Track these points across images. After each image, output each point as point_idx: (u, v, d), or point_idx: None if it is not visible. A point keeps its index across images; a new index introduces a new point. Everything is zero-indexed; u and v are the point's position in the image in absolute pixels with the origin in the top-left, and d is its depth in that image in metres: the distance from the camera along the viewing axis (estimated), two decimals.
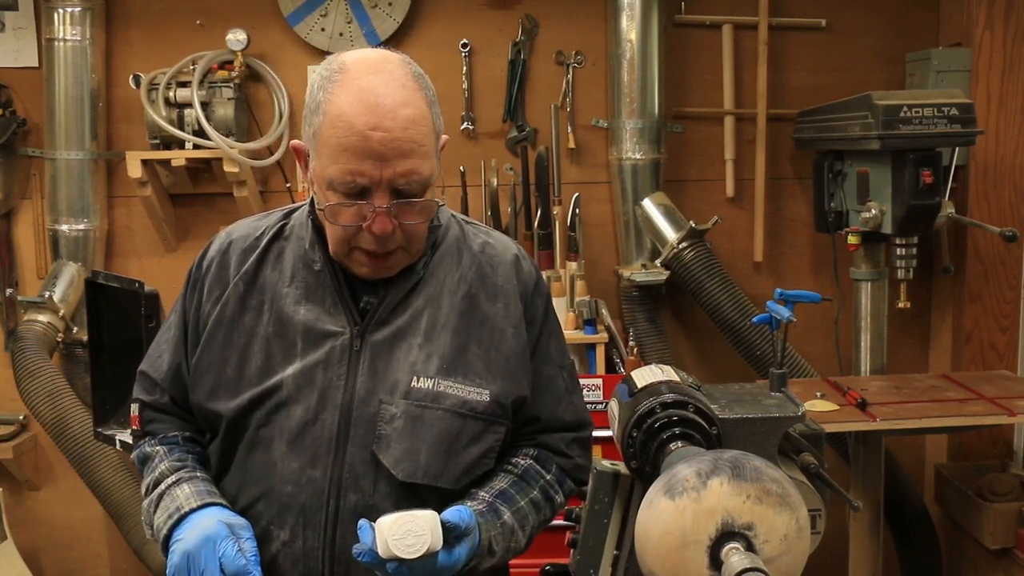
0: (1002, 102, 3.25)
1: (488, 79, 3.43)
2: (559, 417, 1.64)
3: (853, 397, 2.78)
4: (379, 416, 1.47)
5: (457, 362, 1.51)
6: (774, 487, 1.05)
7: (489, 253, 1.60)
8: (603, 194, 3.46)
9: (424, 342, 1.51)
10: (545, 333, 1.63)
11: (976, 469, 3.29)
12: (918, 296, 3.39)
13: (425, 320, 1.52)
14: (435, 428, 1.48)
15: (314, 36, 3.35)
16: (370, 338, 1.50)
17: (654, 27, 3.26)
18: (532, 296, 1.61)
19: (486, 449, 1.53)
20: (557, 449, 1.63)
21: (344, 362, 1.49)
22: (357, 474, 1.47)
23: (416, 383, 1.48)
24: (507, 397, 1.53)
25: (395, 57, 1.46)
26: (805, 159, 3.39)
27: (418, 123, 1.40)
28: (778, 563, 1.06)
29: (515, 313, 1.57)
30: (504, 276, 1.59)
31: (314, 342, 1.50)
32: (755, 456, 1.09)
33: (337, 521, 1.47)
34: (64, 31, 3.24)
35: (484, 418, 1.51)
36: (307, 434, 1.48)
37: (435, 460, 1.48)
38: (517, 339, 1.56)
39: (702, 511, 1.04)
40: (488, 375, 1.52)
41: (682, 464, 1.07)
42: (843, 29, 3.46)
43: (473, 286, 1.56)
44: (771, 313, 1.51)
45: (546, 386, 1.62)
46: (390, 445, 1.47)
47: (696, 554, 1.04)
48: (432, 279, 1.55)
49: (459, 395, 1.49)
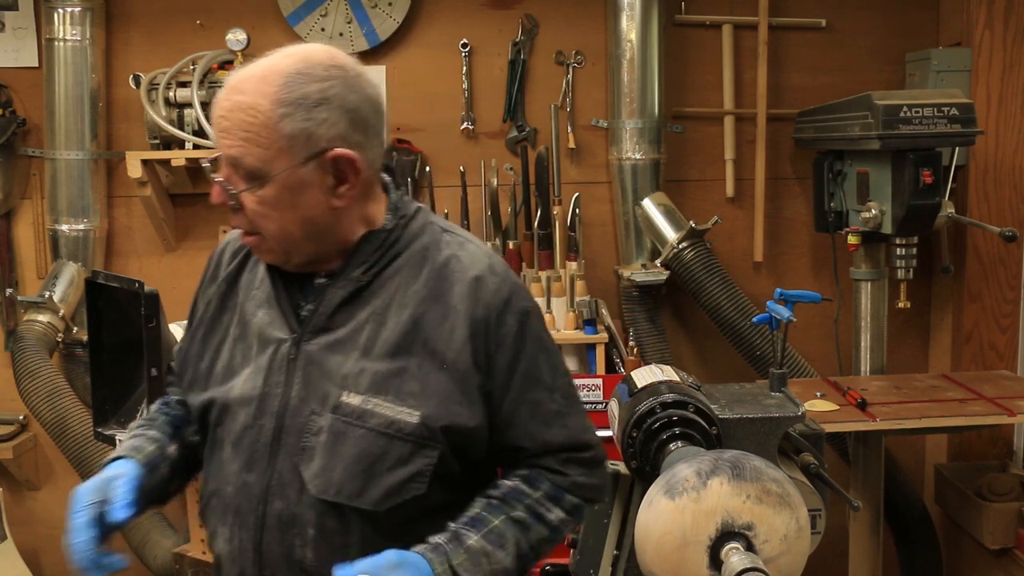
0: (1002, 102, 3.25)
1: (488, 79, 3.43)
2: (546, 441, 1.54)
3: (853, 397, 2.78)
4: (307, 427, 1.47)
5: (391, 380, 1.47)
6: (774, 487, 1.05)
7: (452, 268, 1.52)
8: (603, 194, 3.46)
9: (361, 356, 1.48)
10: (526, 354, 1.53)
11: (976, 469, 3.29)
12: (918, 296, 3.39)
13: (366, 334, 1.49)
14: (356, 447, 1.45)
15: (314, 36, 3.35)
16: (305, 347, 1.50)
17: (654, 27, 3.26)
18: (499, 317, 1.51)
19: (414, 473, 1.47)
20: (550, 468, 1.55)
21: (283, 369, 1.50)
22: (284, 482, 1.48)
23: (345, 397, 1.46)
24: (438, 421, 1.46)
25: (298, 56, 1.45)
26: (805, 159, 3.39)
27: (248, 112, 1.41)
28: (778, 563, 1.06)
29: (460, 336, 1.48)
30: (459, 295, 1.50)
31: (263, 347, 1.52)
32: (755, 456, 1.09)
33: (266, 527, 1.49)
34: (64, 31, 3.24)
35: (412, 440, 1.46)
36: (247, 438, 1.50)
37: (351, 480, 1.45)
38: (458, 364, 1.48)
39: (702, 511, 1.04)
40: (423, 397, 1.46)
41: (682, 464, 1.07)
42: (843, 29, 3.46)
43: (424, 303, 1.50)
44: (771, 313, 1.51)
45: (531, 411, 1.53)
46: (312, 458, 1.47)
47: (696, 554, 1.05)
48: (382, 291, 1.51)
49: (387, 414, 1.45)
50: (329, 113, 1.43)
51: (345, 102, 1.44)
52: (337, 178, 1.46)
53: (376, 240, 1.52)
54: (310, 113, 1.42)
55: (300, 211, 1.45)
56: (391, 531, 1.48)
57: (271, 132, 1.41)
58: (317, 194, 1.45)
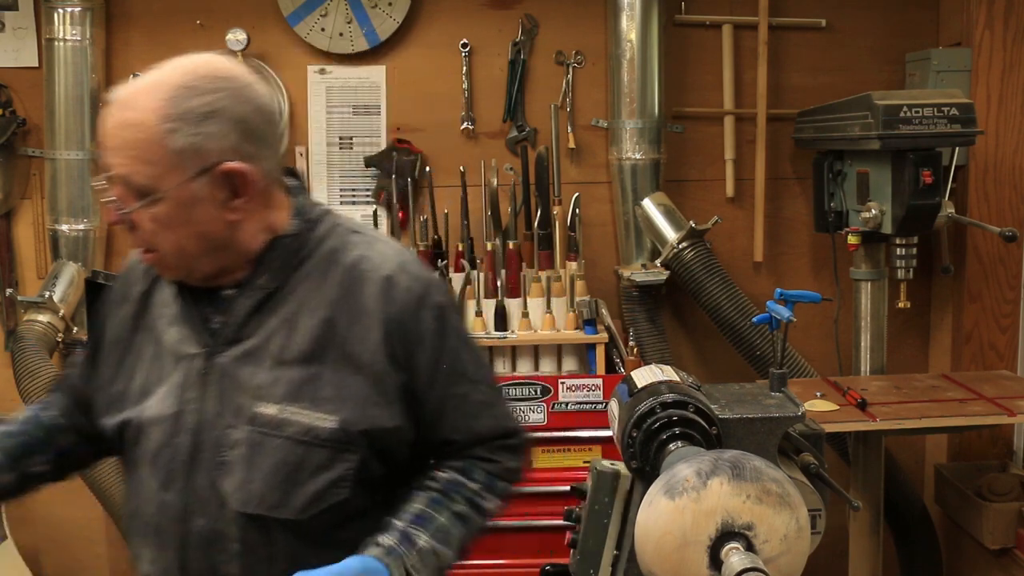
0: (1002, 102, 3.25)
1: (488, 79, 3.43)
2: (475, 431, 1.57)
3: (853, 397, 2.78)
4: (223, 441, 1.46)
5: (306, 387, 1.46)
6: (774, 487, 1.05)
7: (362, 269, 1.51)
8: (603, 194, 3.46)
9: (274, 365, 1.47)
10: (447, 349, 1.53)
11: (976, 469, 3.29)
12: (918, 296, 3.39)
13: (277, 341, 1.48)
14: (274, 457, 1.45)
15: (314, 36, 3.35)
16: (217, 360, 1.48)
17: (654, 27, 3.26)
18: (415, 314, 1.51)
19: (336, 478, 1.47)
20: (481, 457, 1.58)
21: (196, 385, 1.49)
22: (203, 499, 1.47)
23: (261, 408, 1.46)
24: (356, 425, 1.46)
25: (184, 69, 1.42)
26: (805, 159, 3.39)
27: (134, 129, 1.39)
28: (778, 563, 1.06)
29: (375, 337, 1.48)
30: (370, 296, 1.49)
31: (176, 364, 1.51)
32: (755, 456, 1.09)
33: (188, 545, 1.48)
34: (64, 31, 3.24)
35: (330, 446, 1.45)
36: (163, 456, 1.49)
37: (272, 490, 1.45)
38: (374, 366, 1.48)
39: (702, 511, 1.04)
40: (339, 401, 1.46)
41: (682, 464, 1.07)
42: (843, 29, 3.46)
43: (334, 307, 1.49)
44: (771, 313, 1.51)
45: (459, 404, 1.55)
46: (231, 472, 1.46)
47: (696, 554, 1.04)
48: (292, 297, 1.49)
49: (304, 422, 1.45)
50: (218, 126, 1.40)
51: (234, 114, 1.41)
52: (230, 191, 1.43)
53: (281, 246, 1.50)
54: (198, 127, 1.39)
55: (195, 227, 1.43)
56: (316, 538, 1.49)
57: (159, 148, 1.38)
58: (211, 209, 1.43)
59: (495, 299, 3.10)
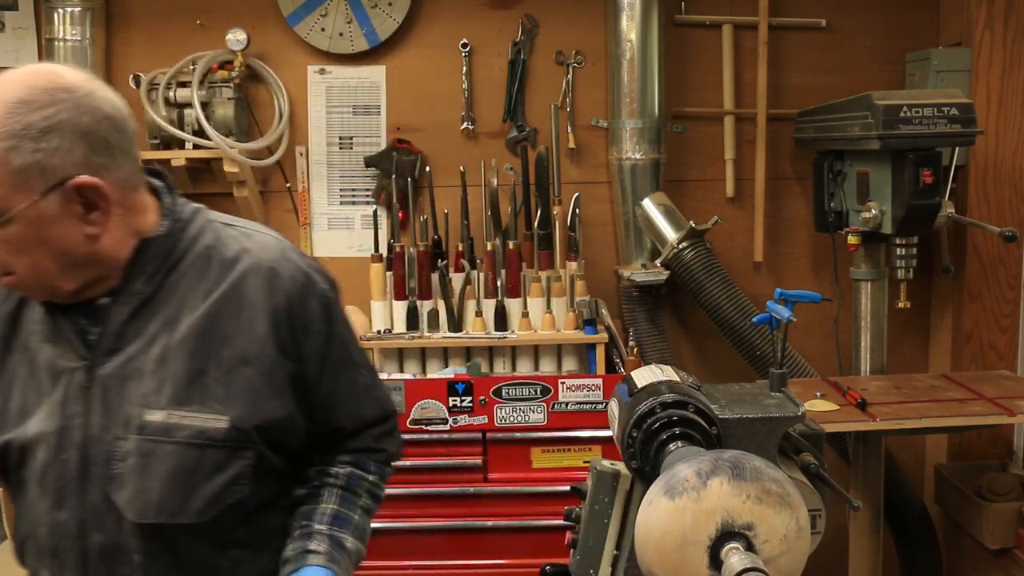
0: (1002, 102, 3.25)
1: (488, 79, 3.43)
2: (364, 416, 1.61)
3: (853, 397, 2.78)
4: (113, 454, 1.43)
5: (193, 389, 1.43)
6: (774, 487, 1.05)
7: (243, 261, 1.49)
8: (603, 194, 3.46)
9: (158, 370, 1.43)
10: (335, 336, 1.55)
11: (976, 469, 3.29)
12: (918, 296, 3.39)
13: (160, 345, 1.44)
14: (167, 464, 1.42)
15: (314, 36, 3.35)
16: (99, 372, 1.44)
17: (654, 27, 3.26)
18: (301, 303, 1.51)
19: (234, 476, 1.46)
20: (369, 448, 1.63)
21: (79, 400, 1.44)
22: (99, 514, 1.44)
23: (148, 416, 1.42)
24: (249, 422, 1.45)
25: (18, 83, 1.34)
26: (805, 159, 3.39)
27: None
28: (778, 563, 1.06)
29: (261, 328, 1.47)
30: (253, 288, 1.48)
31: (54, 381, 1.46)
32: (755, 456, 1.09)
33: (88, 561, 1.46)
34: (64, 31, 3.23)
35: (225, 446, 1.44)
36: (50, 475, 1.45)
37: (170, 497, 1.43)
38: (262, 358, 1.47)
39: (702, 511, 1.04)
40: (228, 399, 1.44)
41: (682, 464, 1.07)
42: (843, 29, 3.46)
43: (218, 302, 1.46)
44: (771, 313, 1.51)
45: (348, 390, 1.58)
46: (124, 484, 1.43)
47: (696, 554, 1.05)
48: (171, 298, 1.46)
49: (195, 424, 1.42)
50: (60, 140, 1.33)
51: (78, 126, 1.34)
52: (84, 206, 1.37)
53: (152, 248, 1.46)
54: (38, 143, 1.32)
55: (52, 245, 1.37)
56: (219, 538, 1.49)
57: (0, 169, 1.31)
58: (67, 225, 1.37)
59: (495, 299, 3.10)
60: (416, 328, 3.11)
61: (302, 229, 3.46)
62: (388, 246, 3.20)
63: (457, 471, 2.96)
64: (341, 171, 3.47)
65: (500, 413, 2.92)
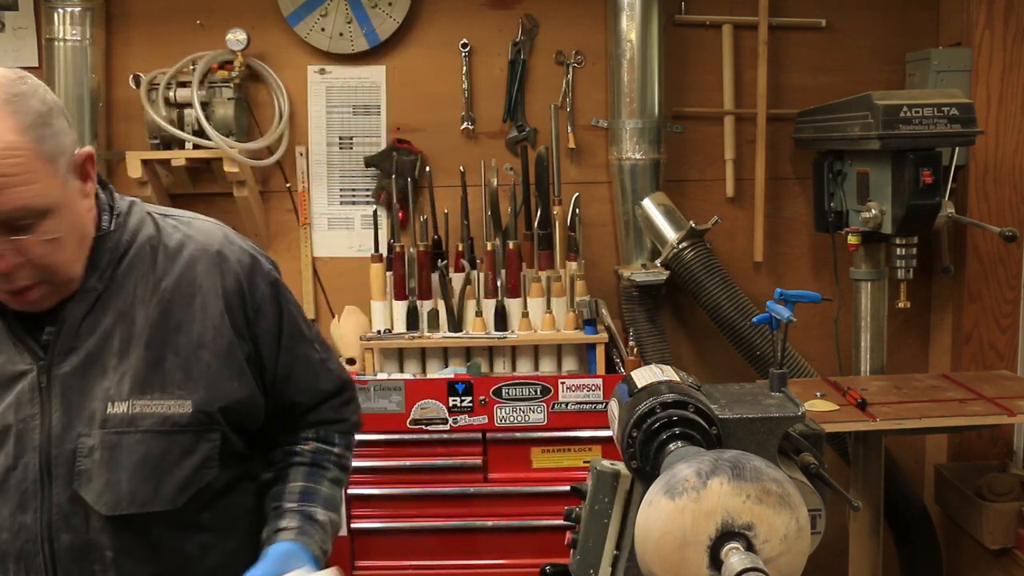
0: (1002, 102, 3.25)
1: (488, 79, 3.43)
2: (321, 389, 1.65)
3: (853, 397, 2.78)
4: (78, 451, 1.42)
5: (153, 377, 1.45)
6: (774, 487, 1.05)
7: (188, 248, 1.52)
8: (603, 194, 3.46)
9: (118, 363, 1.44)
10: (286, 314, 1.59)
11: (976, 469, 3.29)
12: (918, 296, 3.39)
13: (117, 339, 1.45)
14: (135, 453, 1.43)
15: (314, 36, 3.35)
16: (57, 371, 1.43)
17: (654, 27, 3.26)
18: (250, 284, 1.54)
19: (203, 459, 1.48)
20: (330, 419, 1.67)
21: (35, 401, 1.43)
22: (66, 514, 1.43)
23: (111, 409, 1.43)
24: (212, 405, 1.48)
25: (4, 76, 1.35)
26: (805, 159, 3.39)
27: (8, 154, 1.31)
28: (778, 563, 1.06)
29: (214, 311, 1.50)
30: (202, 274, 1.51)
31: (5, 387, 1.44)
32: (755, 456, 1.09)
33: (56, 563, 1.44)
34: (64, 31, 3.23)
35: (191, 430, 1.46)
36: (11, 480, 1.43)
37: (141, 486, 1.44)
38: (218, 340, 1.49)
39: (702, 511, 1.04)
40: (189, 384, 1.46)
41: (682, 464, 1.07)
42: (843, 29, 3.46)
43: (168, 290, 1.48)
44: (771, 313, 1.51)
45: (304, 365, 1.62)
46: (91, 479, 1.42)
47: (696, 554, 1.04)
48: (121, 291, 1.47)
49: (159, 412, 1.44)
50: (57, 119, 1.39)
51: (56, 104, 1.40)
52: (83, 178, 1.43)
53: (104, 243, 1.47)
54: (50, 127, 1.36)
55: (77, 228, 1.42)
56: (189, 523, 1.51)
57: (37, 162, 1.33)
58: (80, 202, 1.42)
59: (495, 299, 3.10)
60: (416, 328, 3.11)
61: (302, 229, 3.46)
62: (388, 246, 3.20)
63: (457, 471, 2.96)
64: (341, 171, 3.47)
65: (500, 413, 2.92)
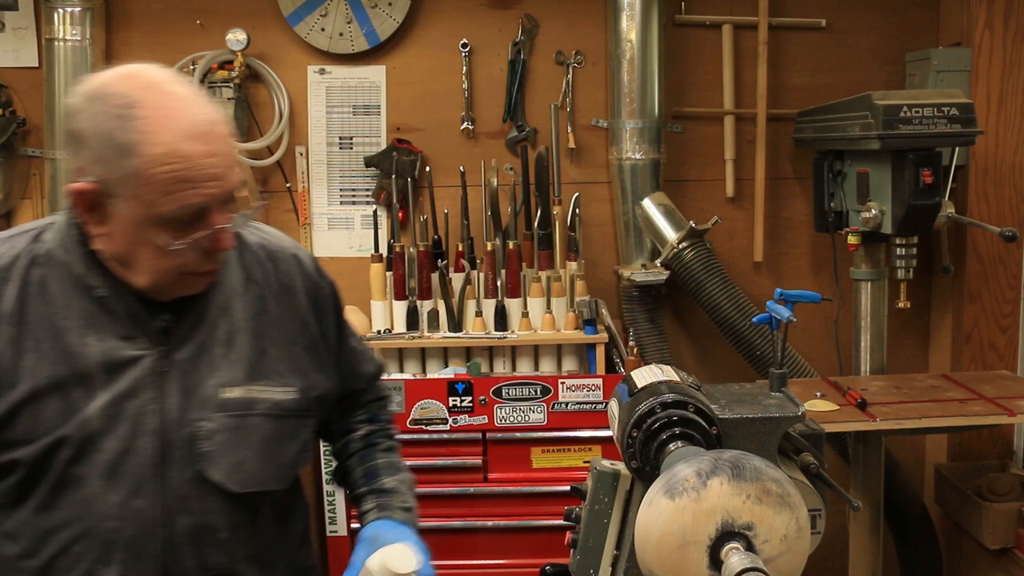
0: (1002, 102, 3.25)
1: (488, 79, 3.43)
2: (368, 373, 1.78)
3: (853, 397, 2.78)
4: (197, 434, 1.46)
5: (261, 365, 1.53)
6: (774, 487, 1.05)
7: (269, 248, 1.62)
8: (603, 194, 3.46)
9: (226, 351, 1.51)
10: (340, 311, 1.71)
11: (976, 469, 3.29)
12: (918, 296, 3.39)
13: (222, 329, 1.51)
14: (256, 434, 1.50)
15: (314, 36, 3.35)
16: (175, 357, 1.47)
17: (654, 27, 3.26)
18: (318, 284, 1.66)
19: (303, 444, 1.59)
20: (377, 397, 1.81)
21: (153, 385, 1.45)
22: (186, 495, 1.45)
23: (227, 394, 1.49)
24: (311, 391, 1.58)
25: (169, 71, 1.43)
26: (805, 159, 3.39)
27: (224, 140, 1.41)
28: (778, 563, 1.06)
29: (302, 307, 1.60)
30: (287, 273, 1.61)
31: (115, 372, 1.43)
32: (755, 456, 1.09)
33: (173, 546, 1.45)
34: (64, 31, 3.23)
35: (295, 415, 1.56)
36: (124, 465, 1.43)
37: (264, 465, 1.51)
38: (307, 334, 1.60)
39: (702, 511, 1.04)
40: (291, 373, 1.56)
41: (682, 464, 1.07)
42: (843, 29, 3.46)
43: (259, 285, 1.57)
44: (771, 313, 1.51)
45: (355, 356, 1.74)
46: (217, 460, 1.47)
47: (696, 554, 1.04)
48: (220, 284, 1.52)
49: (270, 397, 1.52)
50: None
51: None
52: None
53: None
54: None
55: None
56: (282, 506, 1.60)
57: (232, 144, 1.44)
58: None
59: (495, 299, 3.10)
60: (416, 328, 3.11)
61: (302, 229, 3.46)
62: (388, 246, 3.20)
63: (457, 471, 2.96)
64: (341, 171, 3.47)
65: (500, 413, 2.92)
